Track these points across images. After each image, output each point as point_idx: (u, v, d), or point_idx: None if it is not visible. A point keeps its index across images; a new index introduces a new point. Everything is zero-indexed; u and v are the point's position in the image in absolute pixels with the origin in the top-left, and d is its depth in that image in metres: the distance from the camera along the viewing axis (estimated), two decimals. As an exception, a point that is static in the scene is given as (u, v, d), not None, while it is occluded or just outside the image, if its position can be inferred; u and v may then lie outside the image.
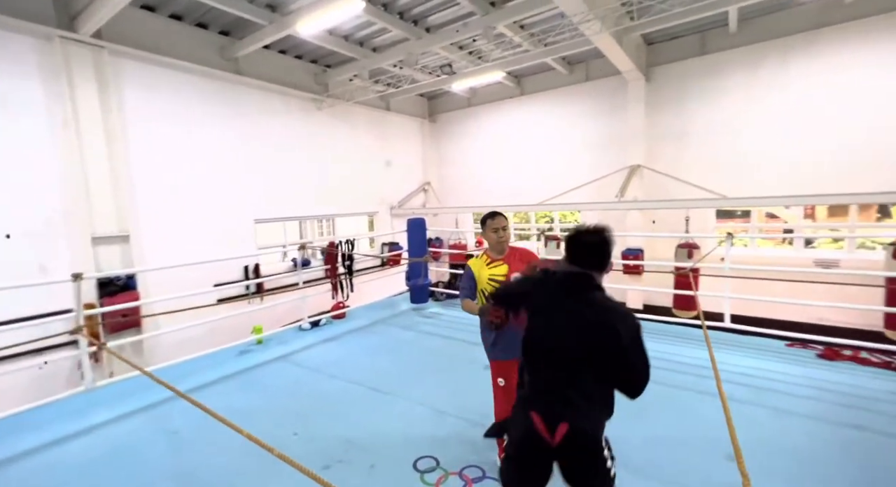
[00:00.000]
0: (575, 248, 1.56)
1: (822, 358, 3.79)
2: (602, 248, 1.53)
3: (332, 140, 8.70)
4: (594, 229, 1.56)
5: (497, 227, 2.32)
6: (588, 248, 1.54)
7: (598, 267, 1.54)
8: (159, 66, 5.99)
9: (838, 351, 3.83)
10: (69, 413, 3.17)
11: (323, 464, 2.41)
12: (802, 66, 6.58)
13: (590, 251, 1.54)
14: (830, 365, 3.65)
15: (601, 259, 1.53)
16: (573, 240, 1.57)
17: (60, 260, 5.18)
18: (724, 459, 2.32)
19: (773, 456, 2.38)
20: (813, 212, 10.07)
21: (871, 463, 2.31)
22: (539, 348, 1.56)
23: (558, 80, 9.08)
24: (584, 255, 1.54)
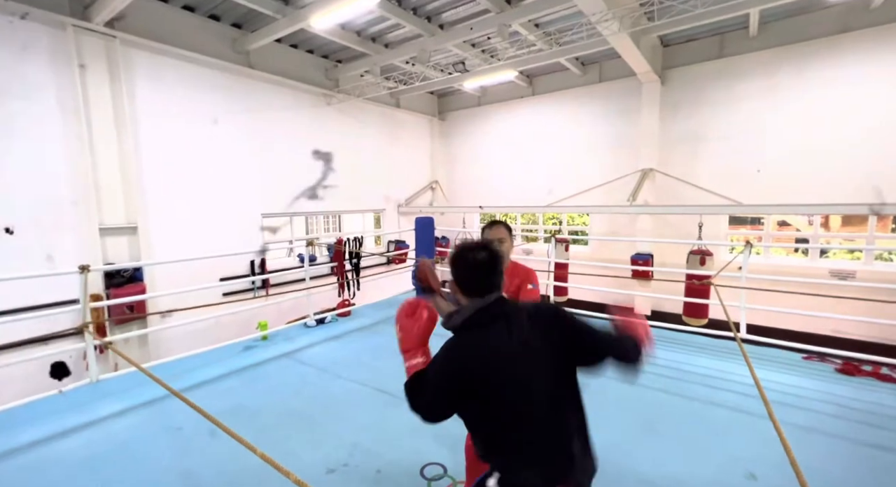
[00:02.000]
0: (467, 272, 1.29)
1: (840, 372, 3.68)
2: (488, 267, 1.29)
3: (341, 136, 8.65)
4: (482, 246, 1.32)
5: (493, 239, 2.01)
6: (482, 269, 1.29)
7: (499, 287, 1.31)
8: (170, 57, 5.95)
9: (858, 365, 3.72)
10: (74, 406, 3.14)
11: (328, 468, 2.36)
12: (822, 72, 6.43)
13: (483, 273, 1.29)
14: (849, 380, 3.54)
15: (499, 280, 1.31)
16: (466, 262, 1.29)
17: (68, 251, 5.17)
18: (744, 477, 2.24)
19: (789, 475, 2.29)
20: (827, 221, 9.90)
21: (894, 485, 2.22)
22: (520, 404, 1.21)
23: (571, 81, 8.96)
24: (477, 278, 1.29)
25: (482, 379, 1.19)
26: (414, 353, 1.36)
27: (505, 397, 1.19)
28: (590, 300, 7.43)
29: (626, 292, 7.27)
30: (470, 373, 1.19)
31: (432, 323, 1.38)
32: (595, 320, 1.29)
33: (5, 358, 4.35)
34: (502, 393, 1.19)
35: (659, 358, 3.99)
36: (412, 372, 1.33)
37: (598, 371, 1.28)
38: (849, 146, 6.28)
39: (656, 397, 3.27)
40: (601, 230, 8.97)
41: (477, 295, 1.28)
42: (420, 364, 1.33)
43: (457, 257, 1.33)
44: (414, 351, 1.36)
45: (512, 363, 1.20)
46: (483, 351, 1.22)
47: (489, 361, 1.20)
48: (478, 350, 1.23)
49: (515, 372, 1.20)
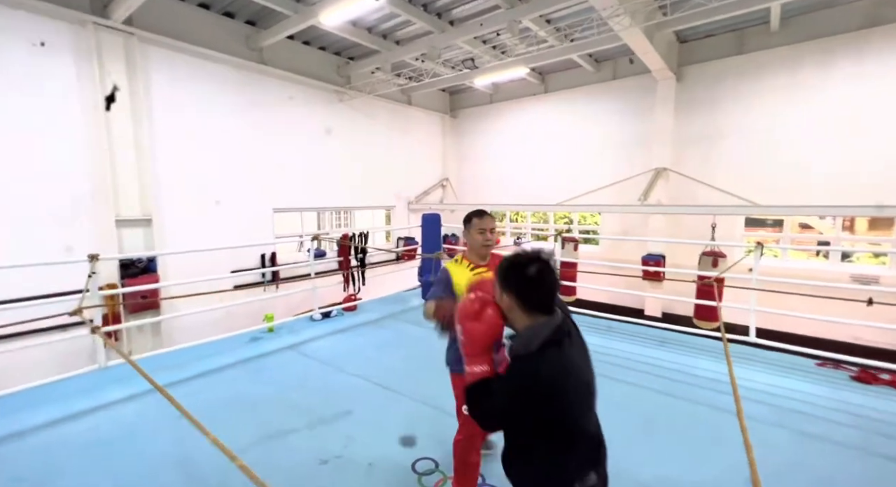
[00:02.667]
0: (533, 288, 1.21)
1: (856, 380, 3.54)
2: (557, 286, 1.25)
3: (352, 132, 8.71)
4: (543, 260, 1.24)
5: (484, 228, 2.00)
6: (550, 287, 1.22)
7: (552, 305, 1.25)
8: (186, 53, 6.08)
9: (876, 374, 3.56)
10: (81, 391, 3.24)
11: (321, 459, 2.38)
12: (848, 68, 6.18)
13: (552, 290, 1.23)
14: (866, 388, 3.40)
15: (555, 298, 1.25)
16: (530, 277, 1.20)
17: (86, 242, 5.33)
18: (744, 484, 2.16)
19: (795, 484, 2.21)
20: (852, 224, 9.52)
21: (908, 500, 2.12)
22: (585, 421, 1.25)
23: (584, 78, 8.82)
24: (547, 296, 1.23)
25: (565, 396, 1.16)
26: (478, 360, 1.24)
27: (578, 409, 1.21)
28: (599, 300, 7.35)
29: (635, 292, 7.13)
30: (559, 395, 1.15)
31: (501, 327, 1.27)
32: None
33: (19, 343, 4.52)
34: (576, 407, 1.20)
35: (664, 361, 3.91)
36: (477, 379, 1.24)
37: None
38: (875, 145, 6.02)
39: (659, 399, 3.20)
40: (613, 230, 8.83)
41: (546, 313, 1.22)
42: (487, 372, 1.23)
43: (529, 275, 1.20)
44: (479, 358, 1.24)
45: (585, 374, 1.24)
46: (568, 370, 1.18)
47: (573, 378, 1.18)
48: (564, 372, 1.17)
49: (587, 382, 1.24)
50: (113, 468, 2.39)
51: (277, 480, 2.23)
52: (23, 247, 4.90)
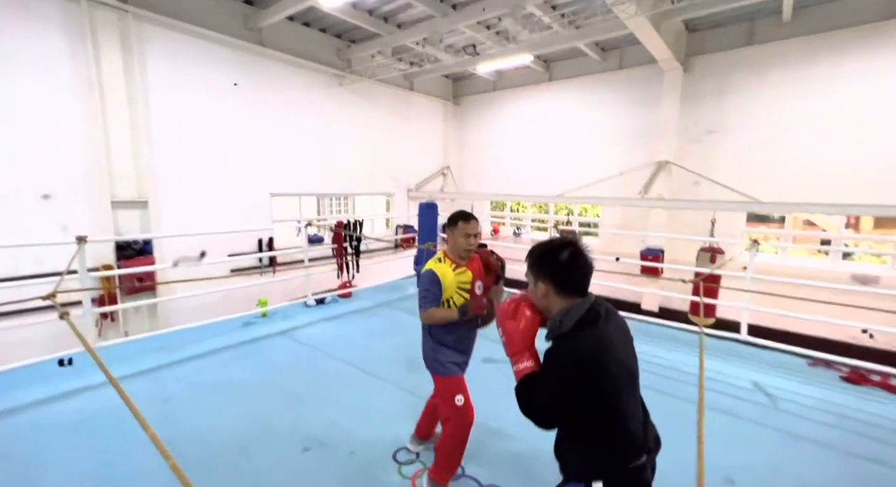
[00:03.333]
0: (568, 271, 1.24)
1: (846, 381, 3.52)
2: (591, 269, 1.27)
3: (352, 117, 8.60)
4: (574, 244, 1.26)
5: (470, 233, 2.03)
6: (585, 269, 1.25)
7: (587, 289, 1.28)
8: (182, 33, 5.97)
9: (865, 375, 3.55)
10: (71, 372, 3.28)
11: (303, 446, 2.40)
12: (861, 62, 6.00)
13: (586, 273, 1.25)
14: (855, 389, 3.39)
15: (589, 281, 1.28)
16: (563, 263, 1.23)
17: (82, 222, 5.34)
18: (722, 482, 2.17)
19: (774, 484, 2.21)
20: (857, 222, 9.40)
21: (886, 502, 2.12)
22: (629, 402, 1.25)
23: (590, 67, 8.64)
24: (582, 279, 1.25)
25: (605, 370, 1.17)
26: (521, 357, 1.26)
27: (620, 387, 1.21)
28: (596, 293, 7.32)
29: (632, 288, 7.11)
30: (597, 370, 1.16)
31: (537, 322, 1.29)
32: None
33: (7, 322, 4.56)
34: (618, 383, 1.20)
35: (654, 356, 3.90)
36: (522, 376, 1.25)
37: None
38: (883, 143, 5.89)
39: (648, 396, 3.19)
40: (613, 223, 8.76)
41: (579, 296, 1.24)
42: (530, 367, 1.25)
43: (562, 260, 1.24)
44: (521, 355, 1.27)
45: (623, 353, 1.24)
46: (605, 345, 1.19)
47: (610, 354, 1.19)
48: (601, 347, 1.19)
49: (626, 361, 1.24)
50: (99, 447, 2.42)
51: (260, 465, 2.26)
52: (19, 226, 4.91)
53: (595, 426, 1.20)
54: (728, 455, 2.42)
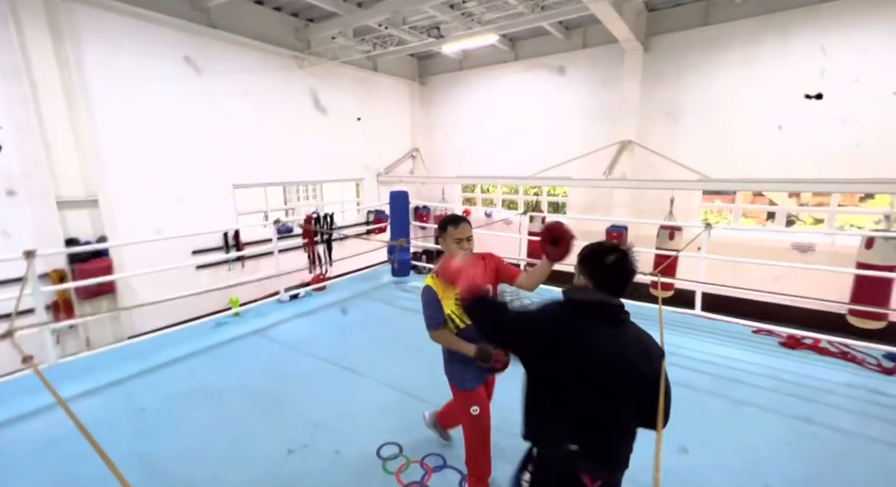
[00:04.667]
0: (609, 274, 1.33)
1: (784, 346, 3.91)
2: (632, 275, 1.35)
3: (315, 100, 8.26)
4: (623, 251, 1.34)
5: (461, 238, 1.94)
6: (626, 276, 1.33)
7: (622, 293, 1.36)
8: (119, 13, 5.47)
9: (800, 339, 3.95)
10: (31, 389, 3.14)
11: (288, 448, 2.45)
12: (802, 42, 6.31)
13: (626, 279, 1.33)
14: (791, 353, 3.77)
15: (628, 286, 1.35)
16: (607, 265, 1.33)
17: (24, 225, 4.98)
18: (677, 452, 2.41)
19: (722, 451, 2.48)
20: (799, 194, 10.10)
21: (811, 458, 2.43)
22: (587, 396, 1.31)
23: (554, 46, 8.62)
24: (619, 283, 1.33)
25: (562, 353, 1.29)
26: (478, 286, 1.45)
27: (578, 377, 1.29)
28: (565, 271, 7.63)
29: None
30: (556, 343, 1.29)
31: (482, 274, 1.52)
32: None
33: None
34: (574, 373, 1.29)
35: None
36: (476, 294, 1.42)
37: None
38: (824, 121, 6.29)
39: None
40: (580, 200, 9.01)
41: (609, 293, 1.34)
42: (487, 291, 1.48)
43: (606, 263, 1.33)
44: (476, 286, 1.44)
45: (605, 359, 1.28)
46: (575, 334, 1.30)
47: (578, 344, 1.29)
48: (571, 333, 1.30)
49: (604, 366, 1.28)
50: (72, 465, 2.38)
51: (243, 473, 2.30)
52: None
53: (543, 392, 1.35)
54: (682, 425, 2.66)
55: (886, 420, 2.76)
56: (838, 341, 3.77)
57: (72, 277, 5.06)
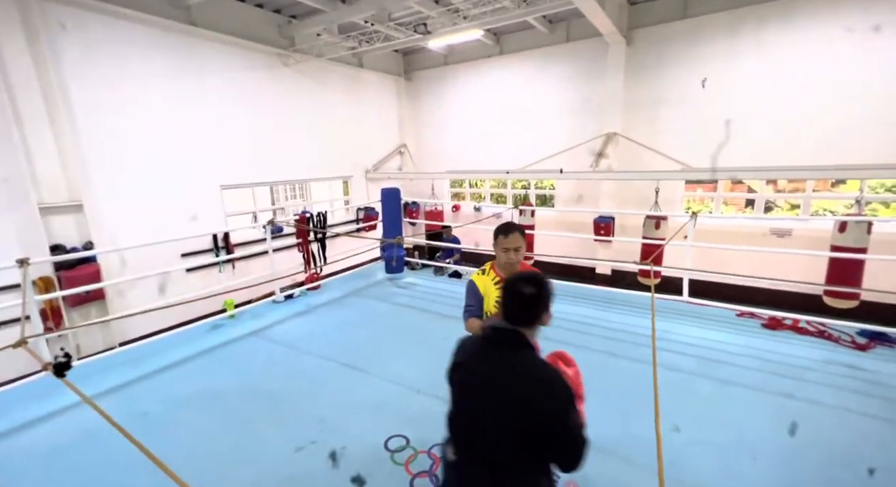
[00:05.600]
0: (506, 301, 1.38)
1: (766, 327, 4.11)
2: (532, 302, 1.36)
3: (301, 99, 8.17)
4: (528, 278, 1.39)
5: (509, 248, 1.99)
6: (517, 302, 1.36)
7: (528, 321, 1.37)
8: (96, 12, 5.32)
9: (781, 320, 4.15)
10: (33, 396, 3.12)
11: (296, 446, 2.50)
12: (777, 34, 6.50)
13: (518, 305, 1.36)
14: (772, 334, 3.97)
15: (531, 313, 1.37)
16: (505, 292, 1.39)
17: (6, 232, 4.85)
18: (670, 431, 2.54)
19: (712, 428, 2.62)
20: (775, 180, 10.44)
21: (794, 430, 2.59)
22: (459, 420, 1.39)
23: (538, 40, 8.68)
24: (512, 310, 1.37)
25: (453, 367, 1.47)
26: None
27: (455, 391, 1.44)
28: (554, 262, 7.79)
29: (588, 259, 7.60)
30: (453, 361, 1.49)
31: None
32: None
33: None
34: (455, 386, 1.45)
35: (610, 321, 4.29)
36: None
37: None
38: (800, 110, 6.52)
39: (603, 360, 3.55)
40: (567, 192, 9.15)
41: (505, 319, 1.40)
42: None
43: (506, 284, 1.43)
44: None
45: (477, 381, 1.37)
46: (466, 353, 1.46)
47: (464, 364, 1.44)
48: (463, 351, 1.48)
49: (472, 387, 1.38)
50: (80, 472, 2.40)
51: (253, 471, 2.35)
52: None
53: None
54: (673, 406, 2.81)
55: (861, 392, 2.95)
56: (816, 321, 3.98)
57: (58, 284, 4.97)
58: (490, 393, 1.29)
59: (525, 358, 1.32)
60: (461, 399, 1.42)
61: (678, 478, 2.20)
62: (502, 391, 1.26)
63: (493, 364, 1.33)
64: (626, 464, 2.33)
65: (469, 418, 1.36)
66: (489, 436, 1.28)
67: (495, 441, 1.27)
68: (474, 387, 1.36)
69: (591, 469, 2.28)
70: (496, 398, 1.27)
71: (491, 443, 1.28)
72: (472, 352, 1.44)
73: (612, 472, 2.28)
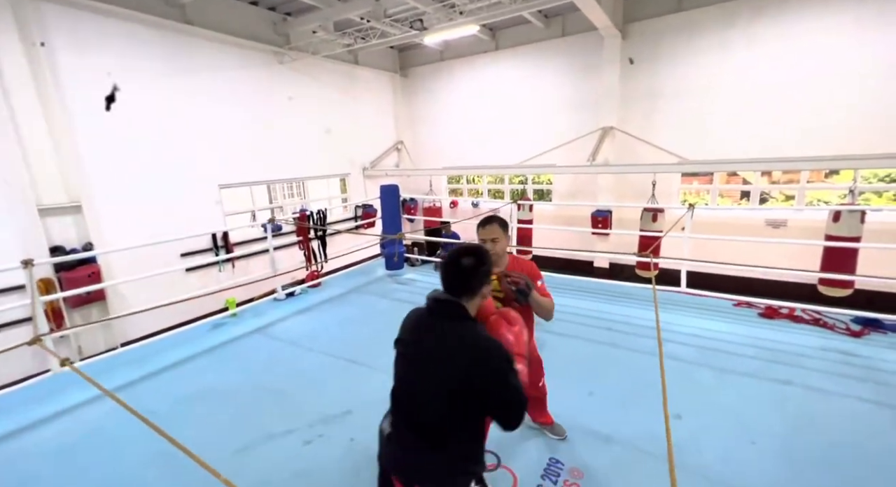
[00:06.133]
0: (444, 273, 1.43)
1: (762, 316, 4.18)
2: (470, 273, 1.40)
3: (297, 97, 8.16)
4: (470, 250, 1.44)
5: (486, 239, 2.00)
6: (455, 273, 1.41)
7: (468, 292, 1.40)
8: (89, 11, 5.28)
9: (777, 309, 4.22)
10: (40, 397, 3.14)
11: (304, 440, 2.54)
12: (771, 26, 6.54)
13: (457, 276, 1.40)
14: (769, 323, 4.03)
15: (470, 284, 1.40)
16: (443, 265, 1.44)
17: (5, 234, 4.84)
18: (671, 418, 2.59)
19: (712, 415, 2.68)
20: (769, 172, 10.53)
21: (792, 416, 2.65)
22: (401, 392, 1.44)
23: (534, 34, 8.69)
24: (451, 281, 1.41)
25: (400, 335, 1.52)
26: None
27: (400, 355, 1.48)
28: (553, 256, 7.84)
29: (586, 252, 7.65)
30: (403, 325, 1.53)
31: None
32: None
33: None
34: (398, 362, 1.48)
35: (611, 313, 4.35)
36: None
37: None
38: (792, 101, 6.57)
39: (606, 352, 3.60)
40: (564, 186, 9.20)
41: (445, 289, 1.44)
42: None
43: (446, 257, 1.47)
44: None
45: (410, 353, 1.44)
46: (408, 323, 1.52)
47: (406, 331, 1.49)
48: (407, 320, 1.53)
49: (412, 356, 1.43)
50: (91, 470, 2.42)
51: (262, 466, 2.38)
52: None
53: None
54: (674, 395, 2.85)
55: (856, 378, 3.02)
56: (811, 309, 4.04)
57: (59, 286, 4.97)
58: (433, 363, 1.33)
59: (465, 328, 1.37)
60: (405, 371, 1.45)
61: (681, 462, 2.23)
62: (444, 361, 1.30)
63: (436, 335, 1.37)
64: (630, 450, 2.39)
65: (411, 391, 1.40)
66: (430, 406, 1.31)
67: (435, 410, 1.30)
68: (419, 360, 1.39)
69: (595, 455, 2.35)
70: (439, 368, 1.31)
71: (431, 413, 1.31)
72: (415, 325, 1.47)
73: (616, 458, 2.34)
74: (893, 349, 3.37)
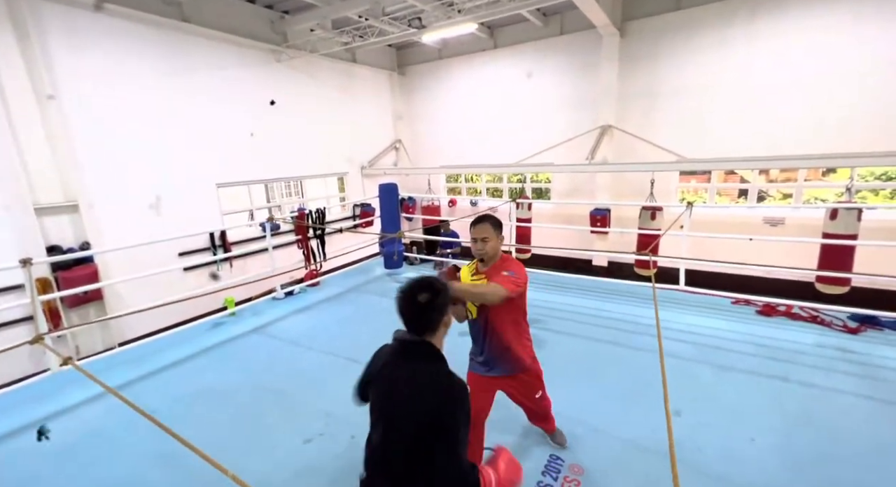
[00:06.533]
0: (402, 312, 1.36)
1: (760, 314, 4.20)
2: (428, 308, 1.34)
3: (295, 95, 8.13)
4: (423, 284, 1.36)
5: (476, 238, 1.99)
6: (413, 311, 1.34)
7: (429, 328, 1.36)
8: (86, 9, 5.25)
9: (774, 307, 4.24)
10: (39, 397, 3.13)
11: (304, 438, 2.54)
12: (769, 24, 6.56)
13: (416, 314, 1.35)
14: (767, 320, 4.05)
15: (431, 319, 1.35)
16: (399, 302, 1.36)
17: (2, 233, 4.81)
18: (672, 414, 2.60)
19: (711, 411, 2.69)
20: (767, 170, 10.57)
21: (789, 411, 2.67)
22: (377, 447, 1.34)
23: (532, 33, 8.68)
24: (411, 319, 1.36)
25: (372, 373, 1.44)
26: None
27: (375, 402, 1.39)
28: (551, 255, 7.85)
29: (585, 250, 7.66)
30: (371, 365, 1.47)
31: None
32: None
33: None
34: (374, 397, 1.39)
35: (611, 311, 4.36)
36: None
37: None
38: (787, 98, 6.59)
39: (606, 349, 3.62)
40: (563, 185, 9.20)
41: (407, 330, 1.38)
42: None
43: (398, 294, 1.37)
44: None
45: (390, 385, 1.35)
46: (381, 362, 1.43)
47: (380, 370, 1.41)
48: (378, 359, 1.45)
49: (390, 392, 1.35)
50: (92, 470, 2.42)
51: (264, 464, 2.38)
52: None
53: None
54: (673, 391, 2.86)
55: (852, 374, 3.04)
56: (808, 306, 4.07)
57: (56, 285, 4.95)
58: (405, 408, 1.28)
59: (437, 371, 1.32)
60: (379, 417, 1.36)
61: (681, 458, 2.23)
62: (417, 406, 1.25)
63: (408, 379, 1.32)
64: (629, 447, 2.40)
65: (385, 436, 1.31)
66: (399, 451, 1.26)
67: (403, 454, 1.25)
68: (393, 403, 1.32)
69: (595, 451, 2.36)
70: (412, 414, 1.26)
71: (400, 457, 1.26)
72: (386, 366, 1.39)
73: (616, 454, 2.35)
74: (890, 345, 3.40)
